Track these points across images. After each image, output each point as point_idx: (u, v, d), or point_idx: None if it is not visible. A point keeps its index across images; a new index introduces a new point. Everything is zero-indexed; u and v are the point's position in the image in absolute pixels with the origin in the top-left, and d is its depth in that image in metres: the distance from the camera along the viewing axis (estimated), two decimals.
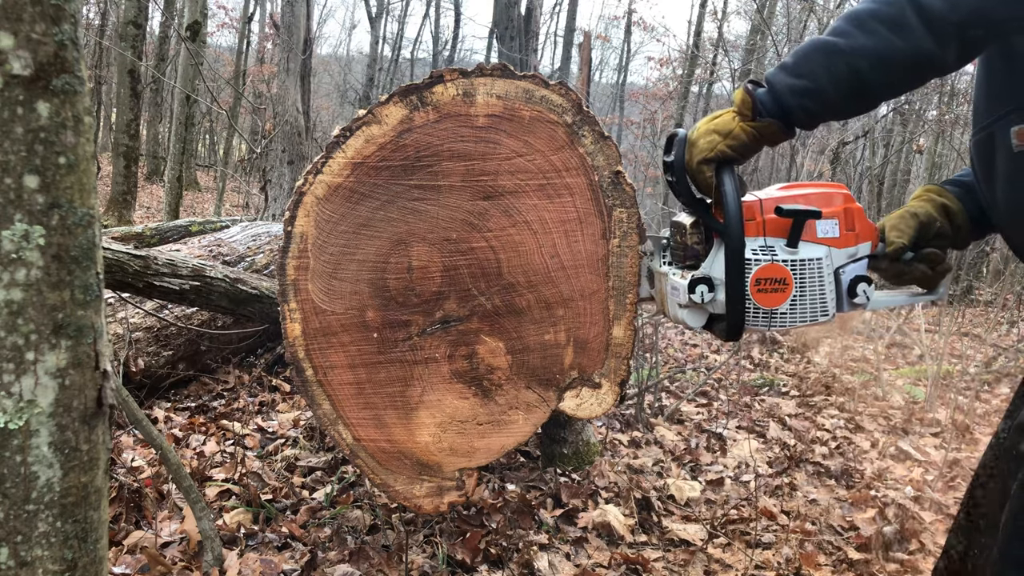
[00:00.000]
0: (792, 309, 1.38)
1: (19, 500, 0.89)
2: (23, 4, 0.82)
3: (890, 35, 1.15)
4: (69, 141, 0.87)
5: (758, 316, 1.37)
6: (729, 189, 1.31)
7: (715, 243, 1.40)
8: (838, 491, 2.78)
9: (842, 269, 1.40)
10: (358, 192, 1.55)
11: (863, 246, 1.41)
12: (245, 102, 14.27)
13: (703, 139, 1.33)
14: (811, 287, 1.37)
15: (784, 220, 1.35)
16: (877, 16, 1.16)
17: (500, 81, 1.54)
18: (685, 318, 1.42)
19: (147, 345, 3.24)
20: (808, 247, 1.37)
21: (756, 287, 1.35)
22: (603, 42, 27.03)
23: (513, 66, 1.58)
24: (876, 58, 1.17)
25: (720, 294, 1.37)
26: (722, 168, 1.33)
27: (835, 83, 1.21)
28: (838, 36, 1.20)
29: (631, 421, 3.25)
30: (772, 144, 1.33)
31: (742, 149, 1.31)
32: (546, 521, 2.27)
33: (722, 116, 1.34)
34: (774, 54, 11.66)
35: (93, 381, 0.94)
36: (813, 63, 1.22)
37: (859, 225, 1.40)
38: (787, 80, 1.25)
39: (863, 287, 1.40)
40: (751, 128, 1.29)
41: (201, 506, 1.85)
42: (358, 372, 1.61)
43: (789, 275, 1.36)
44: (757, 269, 1.35)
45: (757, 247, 1.36)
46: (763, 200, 1.37)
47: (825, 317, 1.40)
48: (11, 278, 0.85)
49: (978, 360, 5.12)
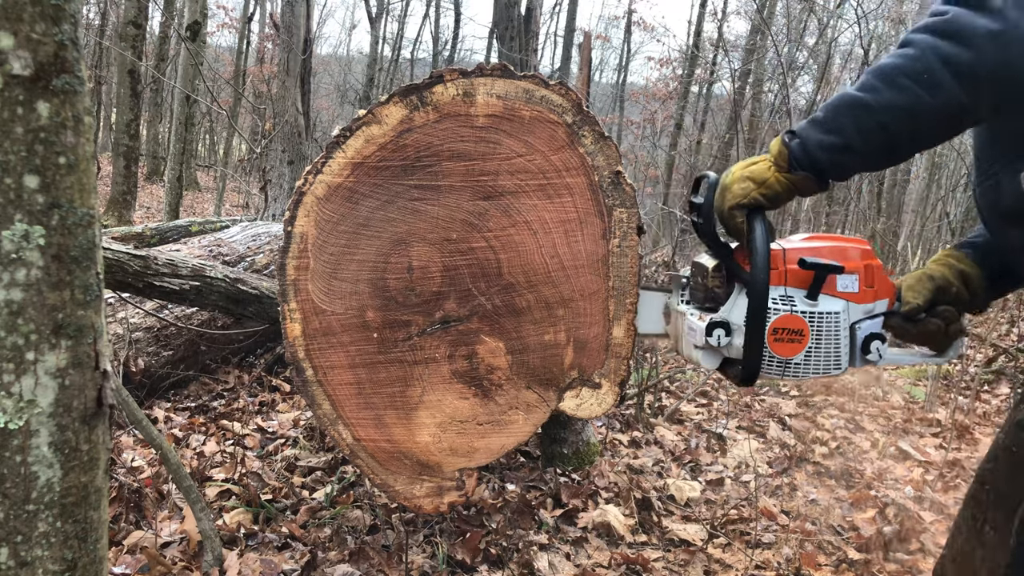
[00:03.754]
0: (807, 360, 1.38)
1: (19, 500, 0.89)
2: (23, 4, 0.82)
3: (920, 91, 1.13)
4: (69, 141, 0.87)
5: (772, 364, 1.38)
6: (759, 237, 1.31)
7: (736, 288, 1.41)
8: (838, 491, 2.78)
9: (858, 325, 1.41)
10: (358, 192, 1.55)
11: (880, 303, 1.42)
12: (245, 102, 14.26)
13: (737, 185, 1.33)
14: (827, 340, 1.38)
15: (806, 272, 1.36)
16: (905, 72, 1.15)
17: (500, 81, 1.54)
18: (700, 359, 1.43)
19: (147, 345, 3.24)
20: (827, 300, 1.38)
21: (773, 336, 1.36)
22: (603, 42, 27.01)
23: (513, 66, 1.57)
24: (906, 115, 1.16)
25: (737, 339, 1.38)
26: (753, 215, 1.33)
27: (865, 140, 1.20)
28: (867, 92, 1.19)
29: (631, 421, 3.25)
30: (805, 195, 1.34)
31: (775, 198, 1.32)
32: (546, 521, 2.27)
33: (758, 164, 1.35)
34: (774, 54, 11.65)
35: (93, 381, 0.94)
36: (843, 119, 1.22)
37: (878, 282, 1.41)
38: (818, 136, 1.25)
39: (877, 344, 1.41)
40: (786, 179, 1.30)
41: (201, 506, 1.85)
42: (358, 372, 1.61)
43: (807, 326, 1.37)
44: (776, 318, 1.36)
45: (777, 296, 1.36)
46: (787, 250, 1.38)
47: (838, 370, 1.40)
48: (11, 278, 0.85)
49: (978, 360, 5.12)
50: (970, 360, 5.13)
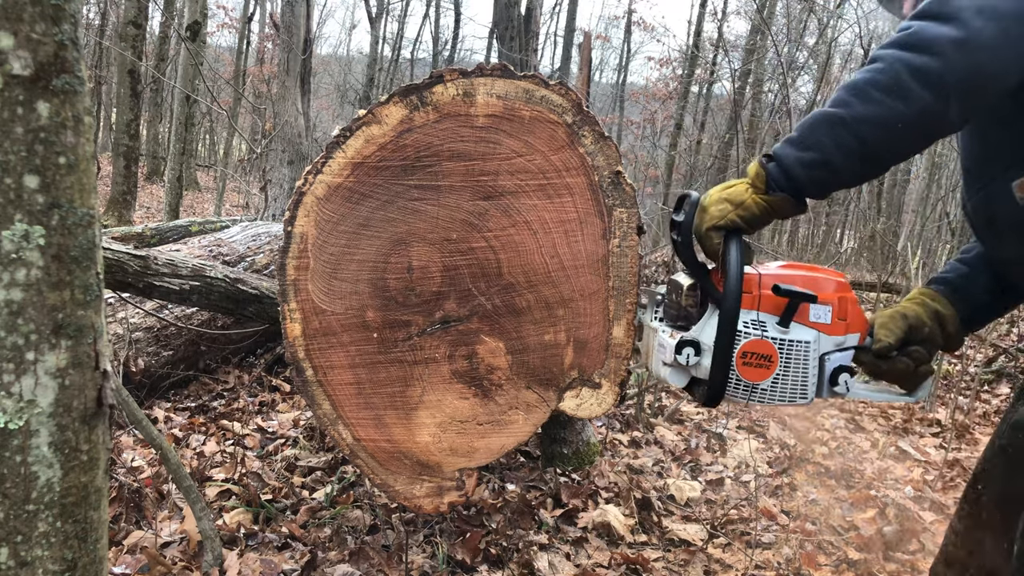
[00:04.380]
0: (773, 387, 1.38)
1: (19, 500, 0.89)
2: (23, 4, 0.82)
3: (892, 102, 1.15)
4: (69, 141, 0.87)
5: (739, 388, 1.38)
6: (733, 260, 1.32)
7: (709, 309, 1.41)
8: (838, 491, 2.78)
9: (828, 356, 1.41)
10: (358, 192, 1.55)
11: (851, 337, 1.42)
12: (245, 102, 14.27)
13: (715, 207, 1.34)
14: (795, 368, 1.38)
15: (780, 299, 1.36)
16: (875, 84, 1.17)
17: (500, 81, 1.54)
18: (667, 376, 1.44)
19: (147, 345, 3.24)
20: (799, 329, 1.38)
21: (742, 359, 1.36)
22: (603, 42, 27.04)
23: (513, 66, 1.58)
24: (880, 125, 1.17)
25: (706, 360, 1.38)
26: (731, 237, 1.34)
27: (842, 153, 1.21)
28: (840, 107, 1.21)
29: (631, 421, 3.25)
30: (783, 217, 1.34)
31: (753, 220, 1.32)
32: (546, 521, 2.27)
33: (736, 186, 1.35)
34: (774, 54, 11.65)
35: (93, 381, 0.94)
36: (819, 135, 1.23)
37: (851, 315, 1.41)
38: (795, 153, 1.26)
39: (845, 377, 1.41)
40: (763, 201, 1.31)
41: (201, 506, 1.85)
42: (358, 372, 1.61)
43: (776, 353, 1.37)
44: (745, 342, 1.36)
45: (749, 320, 1.36)
46: (763, 275, 1.38)
47: (804, 400, 1.41)
48: (11, 278, 0.85)
49: (978, 360, 5.12)
50: (970, 360, 5.13)
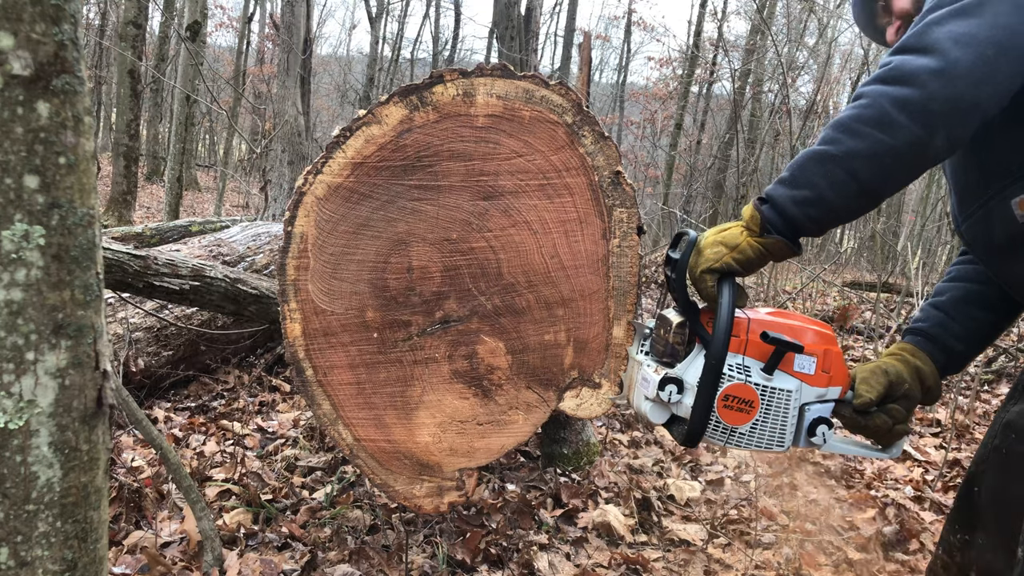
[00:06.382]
0: (752, 432, 1.39)
1: (19, 500, 0.89)
2: (23, 4, 0.82)
3: (879, 135, 1.17)
4: (69, 141, 0.87)
5: (717, 430, 1.39)
6: (726, 304, 1.33)
7: (696, 348, 1.41)
8: (838, 491, 2.78)
9: (808, 406, 1.42)
10: (358, 192, 1.55)
11: (833, 390, 1.43)
12: (245, 102, 14.27)
13: (710, 249, 1.35)
14: (775, 416, 1.39)
15: (767, 345, 1.37)
16: (861, 120, 1.19)
17: (500, 81, 1.54)
18: (647, 411, 1.44)
19: (147, 345, 3.24)
20: (782, 377, 1.39)
21: (723, 402, 1.36)
22: (603, 42, 27.06)
23: (513, 66, 1.58)
24: (870, 158, 1.19)
25: (688, 399, 1.38)
26: (724, 279, 1.34)
27: (835, 189, 1.22)
28: (829, 144, 1.22)
29: (631, 421, 3.25)
30: (778, 260, 1.35)
31: (747, 263, 1.33)
32: (546, 521, 2.27)
33: (731, 229, 1.36)
34: (774, 54, 11.65)
35: (93, 381, 0.94)
36: (809, 173, 1.24)
37: (835, 369, 1.42)
38: (788, 193, 1.27)
39: (823, 429, 1.42)
40: (758, 244, 1.31)
41: (201, 506, 1.85)
42: (358, 372, 1.61)
43: (757, 399, 1.38)
44: (728, 385, 1.36)
45: (734, 364, 1.37)
46: (751, 320, 1.39)
47: (780, 448, 1.41)
48: (11, 278, 0.85)
49: (978, 360, 5.12)
50: None
